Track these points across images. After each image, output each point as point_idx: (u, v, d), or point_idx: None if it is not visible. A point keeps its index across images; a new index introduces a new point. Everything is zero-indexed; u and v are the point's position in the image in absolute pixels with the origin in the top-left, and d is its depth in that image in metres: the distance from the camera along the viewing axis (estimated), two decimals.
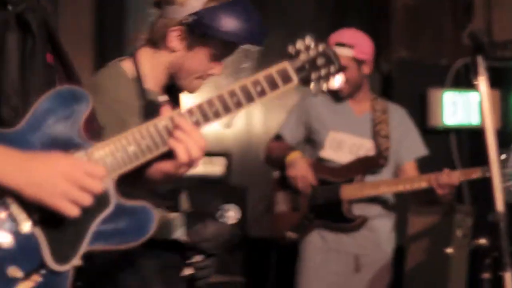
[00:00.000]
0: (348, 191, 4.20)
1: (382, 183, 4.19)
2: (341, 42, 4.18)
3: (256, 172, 5.41)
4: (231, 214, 2.73)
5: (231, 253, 5.40)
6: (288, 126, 4.44)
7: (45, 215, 1.66)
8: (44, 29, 1.77)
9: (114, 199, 1.75)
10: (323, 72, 2.02)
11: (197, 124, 1.86)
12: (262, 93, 1.93)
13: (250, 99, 1.92)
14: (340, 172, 4.25)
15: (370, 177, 4.25)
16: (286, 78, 1.97)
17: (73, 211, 1.65)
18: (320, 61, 2.01)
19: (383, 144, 4.26)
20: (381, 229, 4.30)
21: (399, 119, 4.39)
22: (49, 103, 1.71)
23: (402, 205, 4.55)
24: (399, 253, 4.63)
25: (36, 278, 1.65)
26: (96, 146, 1.75)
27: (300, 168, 4.23)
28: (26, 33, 1.73)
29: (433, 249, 4.67)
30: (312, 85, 2.03)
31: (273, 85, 1.94)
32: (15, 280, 1.62)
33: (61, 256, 1.67)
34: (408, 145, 4.37)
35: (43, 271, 1.66)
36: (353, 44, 4.19)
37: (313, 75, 2.01)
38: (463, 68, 5.43)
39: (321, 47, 2.01)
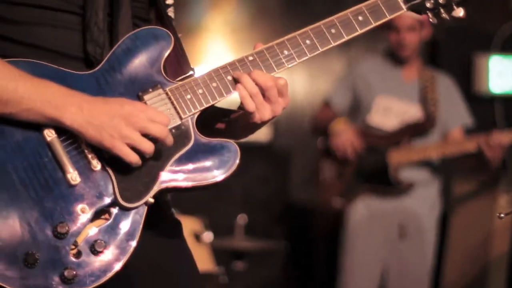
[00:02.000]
0: (395, 156, 4.21)
1: (430, 147, 4.19)
2: None
3: (300, 139, 5.43)
4: None
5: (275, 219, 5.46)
6: (337, 92, 4.45)
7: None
8: None
9: (194, 136, 1.71)
10: None
11: (290, 58, 1.78)
12: (364, 23, 1.82)
13: (351, 30, 1.81)
14: (387, 137, 4.25)
15: (417, 142, 4.25)
16: (393, 7, 1.84)
17: (132, 157, 1.63)
18: None
19: (431, 109, 4.25)
20: (426, 195, 4.30)
21: (445, 87, 4.38)
22: (129, 43, 1.71)
23: (446, 172, 4.54)
24: (443, 220, 4.63)
25: (106, 216, 1.64)
26: (176, 84, 1.72)
27: (345, 137, 4.24)
28: None
29: (477, 216, 4.66)
30: (429, 14, 1.88)
31: (377, 15, 1.83)
32: (85, 218, 1.62)
33: (133, 193, 1.64)
34: (455, 112, 4.36)
35: (112, 209, 1.64)
36: None
37: (429, 3, 1.87)
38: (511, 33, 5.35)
39: None
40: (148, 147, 1.64)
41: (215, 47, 5.61)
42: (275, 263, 5.49)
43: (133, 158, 1.63)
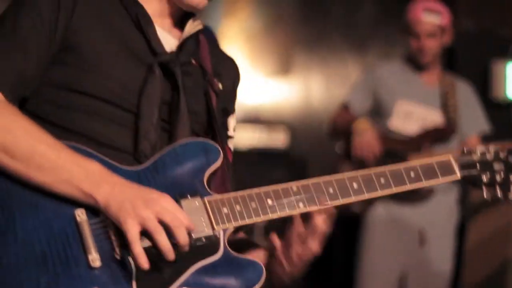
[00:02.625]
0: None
1: (450, 153, 4.17)
2: (430, 9, 4.21)
3: (317, 145, 5.44)
4: None
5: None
6: (356, 95, 4.43)
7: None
8: (195, 86, 1.85)
9: (224, 249, 1.72)
10: (499, 177, 1.92)
11: (334, 196, 1.81)
12: (415, 179, 1.90)
13: (401, 183, 1.89)
14: (408, 142, 4.25)
15: (437, 149, 4.25)
16: (447, 171, 1.92)
17: (135, 236, 1.62)
18: (498, 166, 1.93)
19: (451, 116, 4.25)
20: (444, 201, 4.30)
21: (464, 94, 4.39)
22: (179, 149, 1.75)
23: None
24: (461, 225, 4.62)
25: None
26: (215, 196, 1.74)
27: (367, 137, 4.23)
28: (171, 83, 1.80)
29: (495, 222, 4.64)
30: (483, 188, 1.92)
31: (429, 174, 1.91)
32: None
33: None
34: (472, 119, 4.36)
35: None
36: (441, 12, 4.21)
37: (486, 177, 1.92)
38: None
39: (502, 154, 1.94)
40: (159, 231, 1.63)
41: (230, 54, 5.62)
42: None
43: (136, 239, 1.62)
